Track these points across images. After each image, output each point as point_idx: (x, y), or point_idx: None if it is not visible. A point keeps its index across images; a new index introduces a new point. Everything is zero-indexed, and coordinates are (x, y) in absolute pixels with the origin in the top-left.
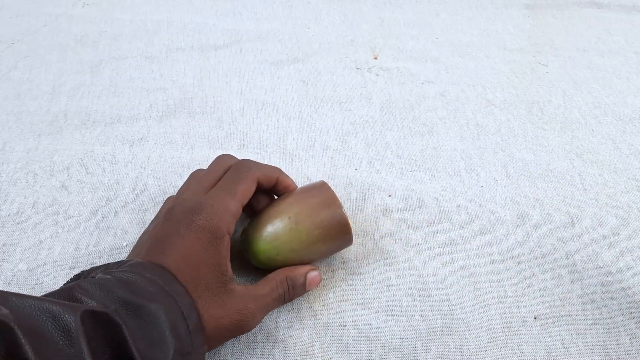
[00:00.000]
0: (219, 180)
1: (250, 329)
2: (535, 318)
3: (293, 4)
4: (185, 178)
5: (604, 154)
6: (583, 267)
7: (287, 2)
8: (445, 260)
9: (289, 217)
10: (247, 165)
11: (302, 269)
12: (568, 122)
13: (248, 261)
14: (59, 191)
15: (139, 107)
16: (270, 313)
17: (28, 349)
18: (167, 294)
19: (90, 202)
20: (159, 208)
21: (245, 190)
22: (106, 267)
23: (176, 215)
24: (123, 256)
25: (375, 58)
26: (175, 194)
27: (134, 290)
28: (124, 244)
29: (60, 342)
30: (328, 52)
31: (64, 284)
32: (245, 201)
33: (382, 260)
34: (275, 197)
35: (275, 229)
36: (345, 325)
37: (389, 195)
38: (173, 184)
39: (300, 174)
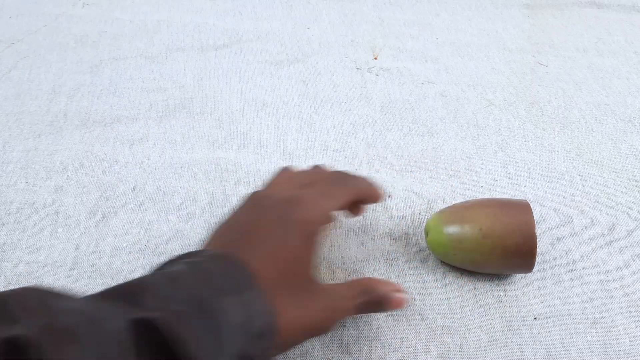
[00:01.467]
0: (314, 184)
1: (326, 332)
2: (535, 318)
3: (293, 4)
4: (185, 178)
5: (604, 154)
6: (583, 267)
7: (287, 2)
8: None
9: (480, 229)
10: (344, 176)
11: (387, 286)
12: (568, 122)
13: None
14: (58, 191)
15: (139, 107)
16: None
17: None
18: (241, 292)
19: (90, 202)
20: (159, 208)
21: (344, 199)
22: (184, 257)
23: (269, 206)
24: (123, 256)
25: (375, 58)
26: (260, 189)
27: (206, 284)
28: (124, 245)
29: (108, 351)
30: (328, 52)
31: (153, 269)
32: (342, 209)
33: (382, 260)
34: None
35: (462, 233)
36: (345, 325)
37: (389, 196)
38: (173, 184)
39: None
